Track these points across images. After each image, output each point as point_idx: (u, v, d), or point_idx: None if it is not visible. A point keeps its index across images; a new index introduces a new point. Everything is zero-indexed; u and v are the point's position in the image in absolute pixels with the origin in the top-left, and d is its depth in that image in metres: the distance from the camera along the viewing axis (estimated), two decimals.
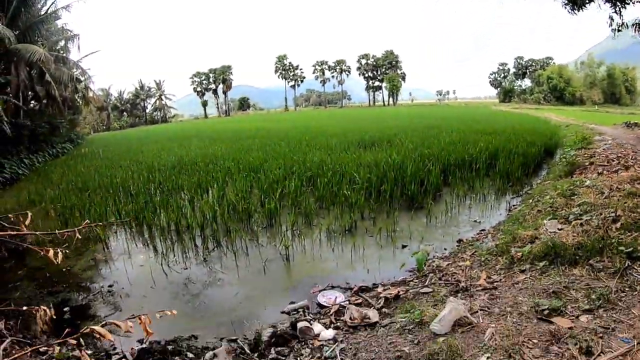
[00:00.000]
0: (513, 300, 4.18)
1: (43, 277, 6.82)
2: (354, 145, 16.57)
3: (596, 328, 3.40)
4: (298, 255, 7.38)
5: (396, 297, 4.97)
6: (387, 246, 7.18)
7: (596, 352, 3.09)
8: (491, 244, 6.35)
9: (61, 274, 7.01)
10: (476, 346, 3.47)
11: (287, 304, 5.64)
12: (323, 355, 4.08)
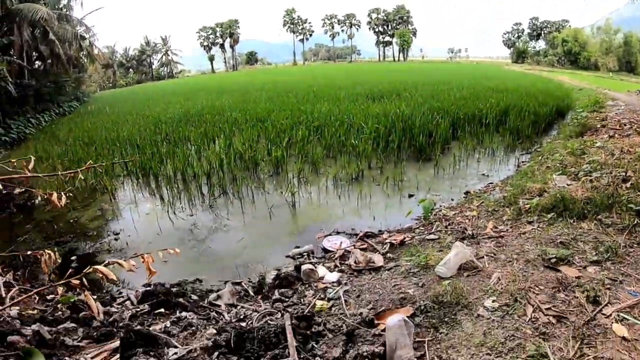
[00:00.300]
0: (520, 249, 4.17)
1: (51, 229, 6.91)
2: (363, 98, 16.39)
3: (604, 279, 3.38)
4: (304, 202, 7.41)
5: (401, 243, 4.97)
6: (394, 195, 7.16)
7: (603, 302, 3.08)
8: (499, 195, 6.31)
9: (68, 225, 7.12)
10: (482, 289, 3.48)
11: (292, 248, 5.67)
12: (327, 297, 4.09)
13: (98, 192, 8.41)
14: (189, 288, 4.86)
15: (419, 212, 5.92)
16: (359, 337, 3.01)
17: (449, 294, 3.38)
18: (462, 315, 3.18)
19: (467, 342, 2.88)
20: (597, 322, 2.89)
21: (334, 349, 2.92)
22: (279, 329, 3.22)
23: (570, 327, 2.87)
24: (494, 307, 3.20)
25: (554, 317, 3.00)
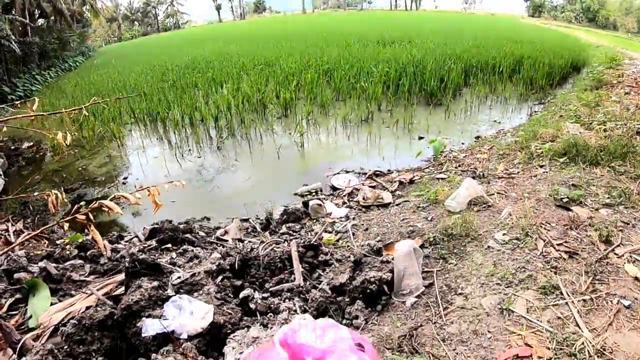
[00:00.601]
0: (531, 188, 4.08)
1: (59, 178, 6.91)
2: (373, 43, 15.99)
3: (616, 221, 3.29)
4: (312, 143, 7.33)
5: (411, 182, 4.90)
6: (404, 137, 7.05)
7: (616, 243, 3.00)
8: (510, 139, 6.19)
9: (77, 173, 7.13)
10: (492, 223, 3.41)
11: (300, 187, 5.63)
12: (334, 230, 4.06)
13: (106, 140, 8.37)
14: (197, 226, 4.84)
15: (428, 154, 5.83)
16: (367, 264, 2.97)
17: (458, 227, 3.32)
18: (472, 247, 3.12)
19: (476, 272, 2.83)
20: (609, 261, 2.82)
21: (340, 275, 2.88)
22: (285, 255, 3.19)
23: (581, 263, 2.80)
24: (505, 240, 3.14)
25: (566, 252, 2.94)
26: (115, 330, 2.67)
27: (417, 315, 2.54)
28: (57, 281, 3.39)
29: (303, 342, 1.25)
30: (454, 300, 2.61)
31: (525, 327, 2.31)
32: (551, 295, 2.52)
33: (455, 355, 2.19)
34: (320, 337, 1.32)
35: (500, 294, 2.57)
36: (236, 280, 3.07)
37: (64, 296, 3.18)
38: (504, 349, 2.18)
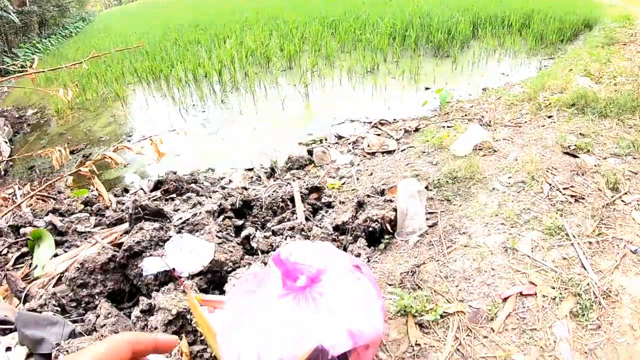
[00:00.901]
0: (538, 136, 3.98)
1: (65, 141, 6.81)
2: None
3: (624, 170, 3.21)
4: (317, 93, 7.18)
5: (416, 130, 4.80)
6: (410, 87, 6.90)
7: (623, 190, 2.93)
8: (518, 91, 6.04)
9: (82, 134, 7.08)
10: (497, 167, 3.33)
11: (304, 137, 5.56)
12: (338, 175, 4.00)
13: (109, 101, 8.26)
14: (202, 177, 4.79)
15: (435, 104, 5.70)
16: (369, 204, 2.91)
17: (463, 170, 3.25)
18: (477, 189, 3.06)
19: (481, 212, 2.77)
20: (616, 207, 2.75)
21: (342, 214, 2.83)
22: (288, 195, 3.13)
23: (588, 207, 2.73)
24: (510, 182, 3.07)
25: (572, 197, 2.87)
26: (118, 272, 2.66)
27: (420, 254, 2.50)
28: (63, 233, 3.38)
29: (298, 261, 1.19)
30: (458, 239, 2.56)
31: (530, 266, 2.26)
32: (556, 236, 2.47)
33: (458, 291, 2.15)
34: (316, 258, 1.26)
35: (504, 234, 2.52)
36: (237, 220, 3.03)
37: (69, 247, 3.17)
38: (508, 287, 2.14)
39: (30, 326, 2.18)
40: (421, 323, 1.97)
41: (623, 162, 3.42)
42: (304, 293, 1.18)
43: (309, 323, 1.12)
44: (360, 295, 1.27)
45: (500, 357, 1.81)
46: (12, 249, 3.24)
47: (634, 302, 2.02)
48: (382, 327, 1.29)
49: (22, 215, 3.62)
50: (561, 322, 1.94)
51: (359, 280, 1.31)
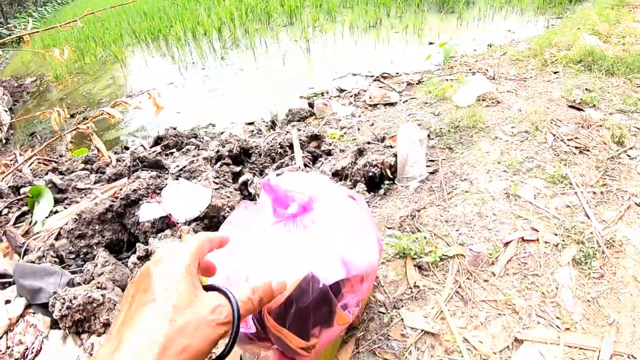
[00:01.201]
0: (543, 89, 3.86)
1: (65, 104, 6.73)
2: None
3: (630, 126, 3.11)
4: (319, 48, 7.01)
5: (419, 83, 4.68)
6: (413, 42, 6.71)
7: (629, 145, 2.84)
8: (524, 47, 5.88)
9: (81, 98, 6.99)
10: (501, 118, 3.23)
11: (306, 90, 5.45)
12: (339, 126, 3.91)
13: (108, 64, 8.17)
14: (202, 132, 4.71)
15: (438, 59, 5.55)
16: (369, 150, 2.84)
17: (466, 119, 3.15)
18: (479, 137, 2.96)
19: (483, 159, 2.69)
20: (621, 161, 2.66)
21: (342, 160, 2.75)
22: (287, 142, 3.05)
23: (592, 159, 2.65)
24: (513, 132, 2.97)
25: (576, 148, 2.78)
26: (116, 222, 2.62)
27: (420, 199, 2.43)
28: (63, 191, 3.34)
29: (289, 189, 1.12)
30: (459, 185, 2.48)
31: (532, 213, 2.19)
32: (560, 185, 2.39)
33: (459, 235, 2.08)
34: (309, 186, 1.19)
35: (506, 181, 2.45)
36: (235, 167, 2.96)
37: (69, 204, 3.12)
38: (510, 232, 2.07)
39: (28, 277, 2.16)
40: (420, 265, 1.92)
41: (629, 118, 3.31)
42: (295, 221, 1.11)
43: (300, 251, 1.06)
44: (355, 225, 1.20)
45: (500, 301, 1.75)
46: (12, 208, 3.21)
47: (637, 253, 1.96)
48: (377, 259, 1.22)
49: (22, 176, 3.59)
50: (563, 269, 1.88)
51: (353, 209, 1.25)
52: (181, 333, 0.56)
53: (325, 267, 1.06)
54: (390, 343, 1.65)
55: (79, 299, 1.95)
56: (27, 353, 1.93)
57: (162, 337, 0.55)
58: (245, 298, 0.68)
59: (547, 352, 1.58)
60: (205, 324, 0.59)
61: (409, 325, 1.70)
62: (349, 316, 1.14)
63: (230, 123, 4.99)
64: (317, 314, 1.04)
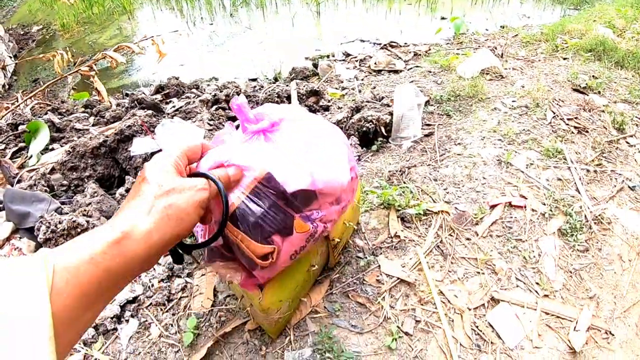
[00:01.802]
0: (550, 71, 3.79)
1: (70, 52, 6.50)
2: None
3: (632, 116, 3.04)
4: (329, 12, 6.89)
5: (426, 54, 4.60)
6: (425, 15, 6.59)
7: (629, 133, 2.78)
8: (536, 30, 5.78)
9: (87, 46, 6.88)
10: (502, 91, 3.16)
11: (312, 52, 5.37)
12: (340, 86, 3.85)
13: (116, 14, 8.01)
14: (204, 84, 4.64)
15: (449, 34, 5.45)
16: (366, 107, 2.78)
17: (467, 88, 3.09)
18: (478, 107, 2.90)
19: (479, 127, 2.63)
20: (620, 146, 2.61)
21: (337, 114, 2.70)
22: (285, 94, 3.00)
23: (590, 139, 2.60)
24: (513, 105, 2.91)
25: (575, 128, 2.73)
26: (109, 157, 2.60)
27: (412, 158, 2.38)
28: (60, 130, 3.32)
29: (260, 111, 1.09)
30: (452, 148, 2.43)
31: (522, 181, 2.14)
32: (554, 158, 2.34)
33: (446, 193, 2.04)
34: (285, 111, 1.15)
35: (500, 149, 2.39)
36: (231, 112, 2.91)
37: (66, 143, 3.11)
38: (497, 196, 2.03)
39: (17, 202, 2.17)
40: (403, 217, 1.87)
41: (633, 109, 3.25)
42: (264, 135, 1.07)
43: (265, 156, 1.02)
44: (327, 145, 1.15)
45: (481, 259, 1.72)
46: (9, 145, 3.20)
47: (625, 234, 1.92)
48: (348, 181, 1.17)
49: (22, 115, 3.58)
50: (548, 238, 1.84)
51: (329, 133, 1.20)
52: (167, 194, 0.71)
53: (288, 173, 1.02)
54: (365, 287, 1.62)
55: (64, 224, 1.96)
56: None
57: (151, 197, 0.70)
58: (221, 173, 0.89)
59: (522, 315, 1.55)
60: (188, 189, 0.74)
61: (385, 272, 1.66)
62: (309, 225, 1.10)
63: (233, 78, 4.92)
64: (275, 219, 1.01)
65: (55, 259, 0.57)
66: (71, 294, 0.56)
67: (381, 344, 1.46)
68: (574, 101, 3.11)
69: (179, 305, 1.71)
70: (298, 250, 1.13)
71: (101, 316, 1.66)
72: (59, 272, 0.56)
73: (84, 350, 1.58)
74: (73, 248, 0.60)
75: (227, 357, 1.49)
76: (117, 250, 0.62)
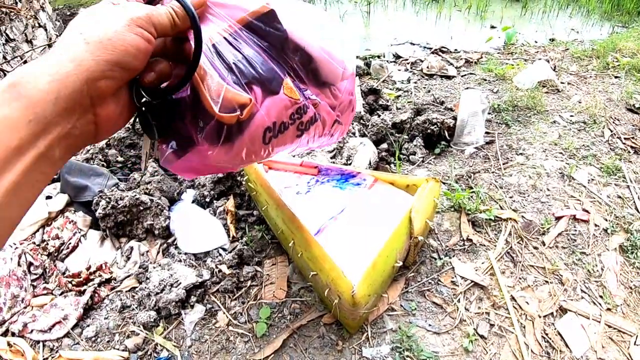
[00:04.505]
0: (603, 88, 3.75)
1: None
2: None
3: None
4: (379, 13, 6.87)
5: (477, 62, 4.58)
6: (475, 22, 6.54)
7: None
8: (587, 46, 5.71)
9: None
10: (560, 105, 3.15)
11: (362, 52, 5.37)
12: (395, 87, 3.87)
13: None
14: None
15: (499, 43, 5.41)
16: (429, 110, 2.80)
17: (525, 99, 3.09)
18: (537, 119, 2.89)
19: (540, 138, 2.63)
20: None
21: (401, 114, 2.72)
22: None
23: None
24: (572, 120, 2.90)
25: (632, 148, 2.70)
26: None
27: (475, 164, 2.39)
28: None
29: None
30: (514, 158, 2.44)
31: (585, 195, 2.15)
32: (613, 176, 2.34)
33: (512, 202, 2.06)
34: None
35: (562, 162, 2.40)
36: None
37: None
38: (562, 208, 2.05)
39: (75, 174, 2.12)
40: (474, 221, 1.90)
41: None
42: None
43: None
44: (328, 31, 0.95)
45: (548, 269, 1.74)
46: None
47: None
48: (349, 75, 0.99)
49: None
50: (610, 254, 1.85)
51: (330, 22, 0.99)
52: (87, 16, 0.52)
53: (295, 19, 0.82)
54: (440, 288, 1.66)
55: (125, 200, 1.93)
56: (62, 248, 1.93)
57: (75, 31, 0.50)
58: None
59: (588, 326, 1.57)
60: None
61: (459, 274, 1.70)
62: (300, 95, 0.85)
63: None
64: (262, 66, 0.75)
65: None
66: None
67: (458, 345, 1.50)
68: (629, 121, 3.09)
69: (249, 294, 1.71)
70: (276, 127, 0.81)
71: (165, 299, 1.63)
72: None
73: (143, 334, 1.58)
74: None
75: (302, 350, 1.50)
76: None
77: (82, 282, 1.76)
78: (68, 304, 1.67)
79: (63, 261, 1.91)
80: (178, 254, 1.87)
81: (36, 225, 1.99)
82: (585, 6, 8.59)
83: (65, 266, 1.88)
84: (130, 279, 1.81)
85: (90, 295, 1.70)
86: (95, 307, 1.71)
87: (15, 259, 1.78)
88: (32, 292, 1.76)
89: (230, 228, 1.97)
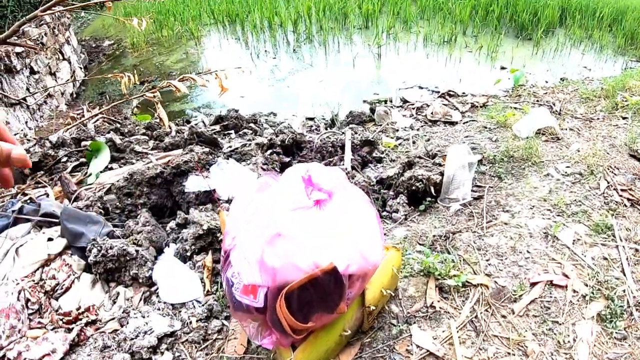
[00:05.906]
0: (607, 133, 3.67)
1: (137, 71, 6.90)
2: None
3: None
4: (390, 55, 6.93)
5: (483, 106, 4.56)
6: (485, 64, 6.53)
7: None
8: (597, 85, 5.62)
9: (153, 67, 7.19)
10: (557, 155, 3.10)
11: (371, 95, 5.42)
12: (396, 135, 3.88)
13: (184, 39, 8.36)
14: (262, 119, 4.76)
15: (507, 85, 5.38)
16: (418, 164, 2.79)
17: (521, 150, 3.05)
18: (530, 172, 2.86)
19: (529, 194, 2.59)
20: None
21: (389, 169, 2.73)
22: (339, 143, 3.05)
23: None
24: (566, 172, 2.85)
25: (628, 200, 2.63)
26: (163, 188, 2.71)
27: (458, 222, 2.37)
28: (121, 150, 3.48)
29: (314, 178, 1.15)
30: (500, 215, 2.41)
31: (567, 258, 2.09)
32: (602, 235, 2.27)
33: (488, 265, 2.02)
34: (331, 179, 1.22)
35: (548, 220, 2.35)
36: (285, 157, 2.98)
37: (124, 164, 3.26)
38: (539, 273, 2.00)
39: (73, 220, 2.27)
40: (442, 287, 1.88)
41: None
42: (319, 207, 1.13)
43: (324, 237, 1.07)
44: (368, 222, 1.21)
45: (513, 340, 1.69)
46: (71, 158, 3.37)
47: None
48: (380, 260, 1.24)
49: (86, 131, 3.77)
50: (586, 322, 1.78)
51: (368, 208, 1.25)
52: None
53: (345, 257, 1.06)
54: (394, 356, 1.63)
55: (114, 250, 2.07)
56: (57, 288, 2.07)
57: None
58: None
59: None
60: None
61: (416, 343, 1.67)
62: (345, 308, 1.18)
63: (291, 115, 5.03)
64: (327, 301, 1.06)
65: None
66: None
67: None
68: (629, 169, 3.01)
69: (214, 346, 1.77)
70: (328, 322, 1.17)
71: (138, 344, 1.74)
72: None
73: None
74: None
75: None
76: None
77: (71, 320, 1.92)
78: (57, 339, 1.81)
79: (57, 300, 2.04)
80: (158, 302, 1.98)
81: (37, 264, 2.13)
82: (598, 42, 8.50)
83: (59, 304, 2.02)
84: (114, 322, 1.94)
85: (77, 333, 1.85)
86: (81, 344, 1.83)
87: (16, 294, 1.94)
88: (28, 324, 1.91)
89: (206, 282, 2.06)
